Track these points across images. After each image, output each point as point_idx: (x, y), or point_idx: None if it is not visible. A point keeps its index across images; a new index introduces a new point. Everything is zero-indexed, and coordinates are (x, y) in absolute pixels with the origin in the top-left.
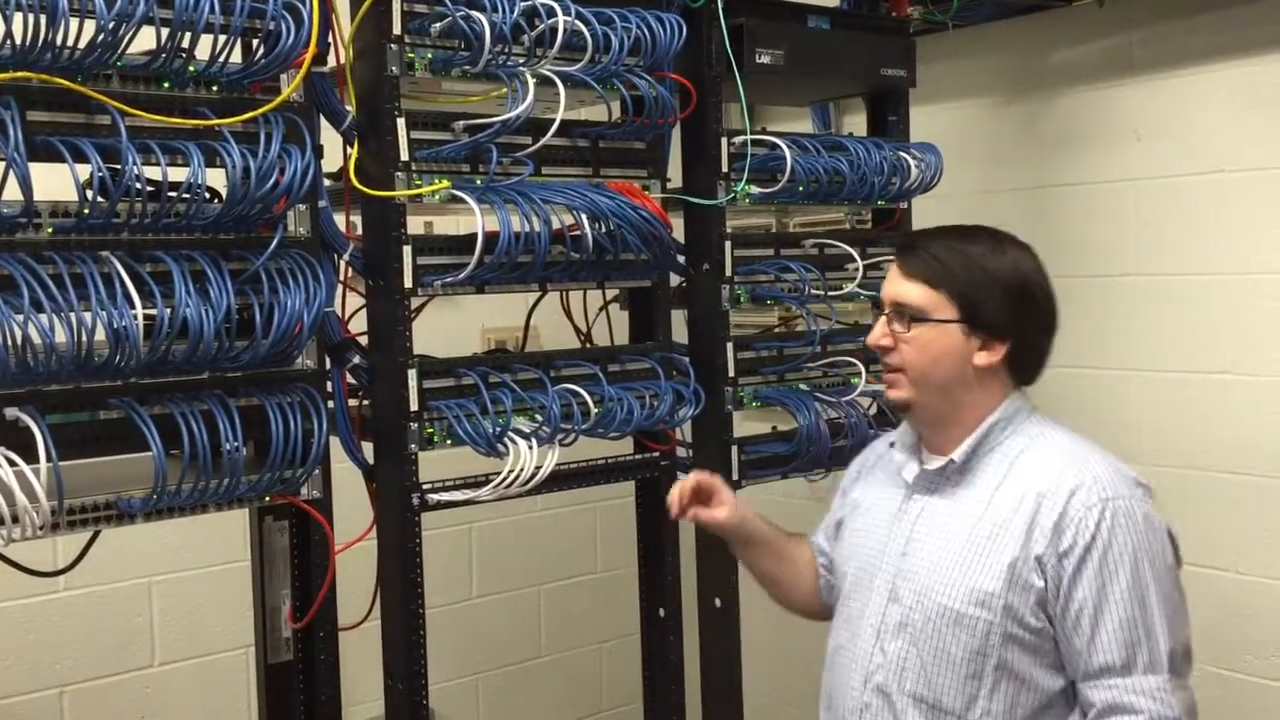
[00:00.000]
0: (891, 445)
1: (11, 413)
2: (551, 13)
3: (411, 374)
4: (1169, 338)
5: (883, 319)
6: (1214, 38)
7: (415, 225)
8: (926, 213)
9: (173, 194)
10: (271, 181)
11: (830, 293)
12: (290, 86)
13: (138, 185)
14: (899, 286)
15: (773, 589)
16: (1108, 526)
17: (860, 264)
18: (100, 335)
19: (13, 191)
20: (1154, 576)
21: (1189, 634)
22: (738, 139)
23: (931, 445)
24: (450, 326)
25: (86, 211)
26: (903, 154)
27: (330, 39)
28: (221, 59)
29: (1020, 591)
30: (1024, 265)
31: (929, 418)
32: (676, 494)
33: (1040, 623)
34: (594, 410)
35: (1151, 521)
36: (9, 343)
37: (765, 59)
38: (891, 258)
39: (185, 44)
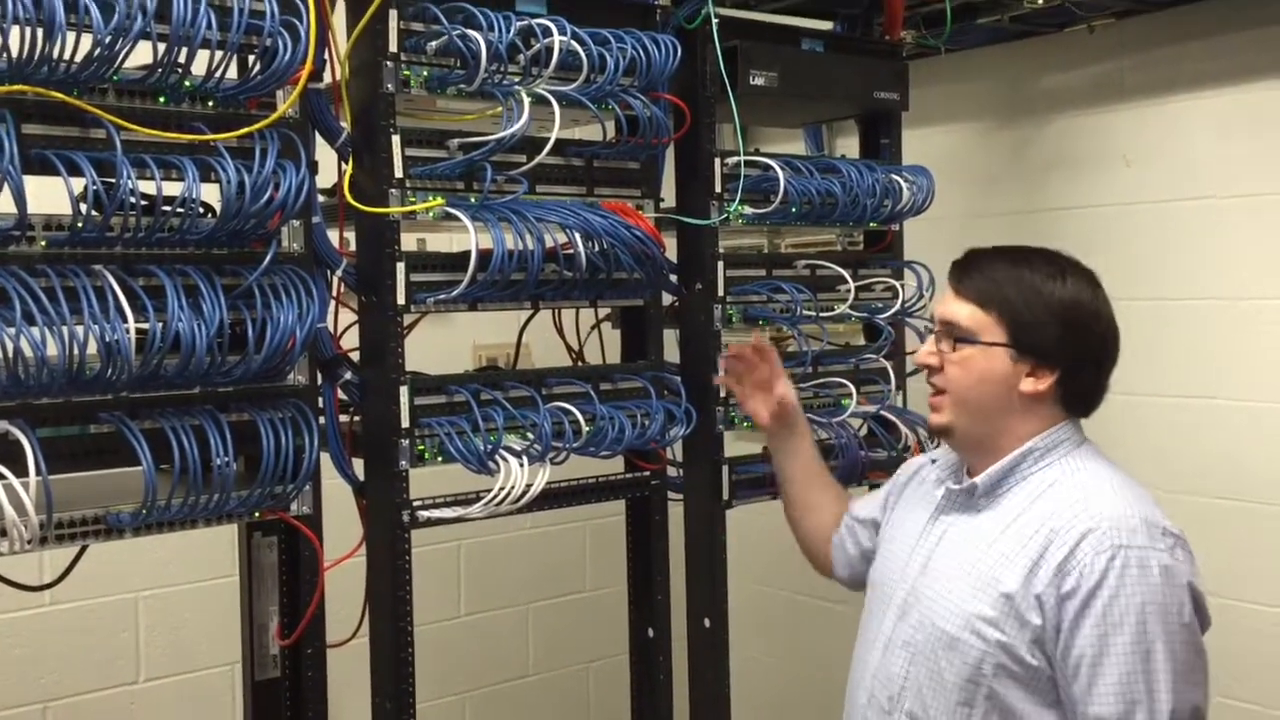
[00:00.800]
0: (933, 462)
1: (1, 426)
2: (547, 32)
3: (403, 390)
4: (1160, 362)
5: (931, 337)
6: (1204, 65)
7: (409, 242)
8: (918, 235)
9: (167, 208)
10: (266, 197)
11: (822, 314)
12: (286, 103)
13: (132, 199)
14: (949, 305)
15: (787, 507)
16: (1116, 574)
17: (852, 285)
18: (92, 349)
19: (6, 204)
20: (1163, 632)
21: (1200, 698)
22: (731, 160)
23: (971, 469)
24: (442, 343)
25: (80, 225)
26: (895, 176)
27: (326, 56)
28: (218, 74)
29: (1016, 626)
30: (1083, 294)
31: (970, 443)
32: (733, 357)
33: (1037, 661)
34: (585, 429)
35: (1170, 574)
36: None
37: (759, 81)
38: (888, 278)
39: (181, 59)
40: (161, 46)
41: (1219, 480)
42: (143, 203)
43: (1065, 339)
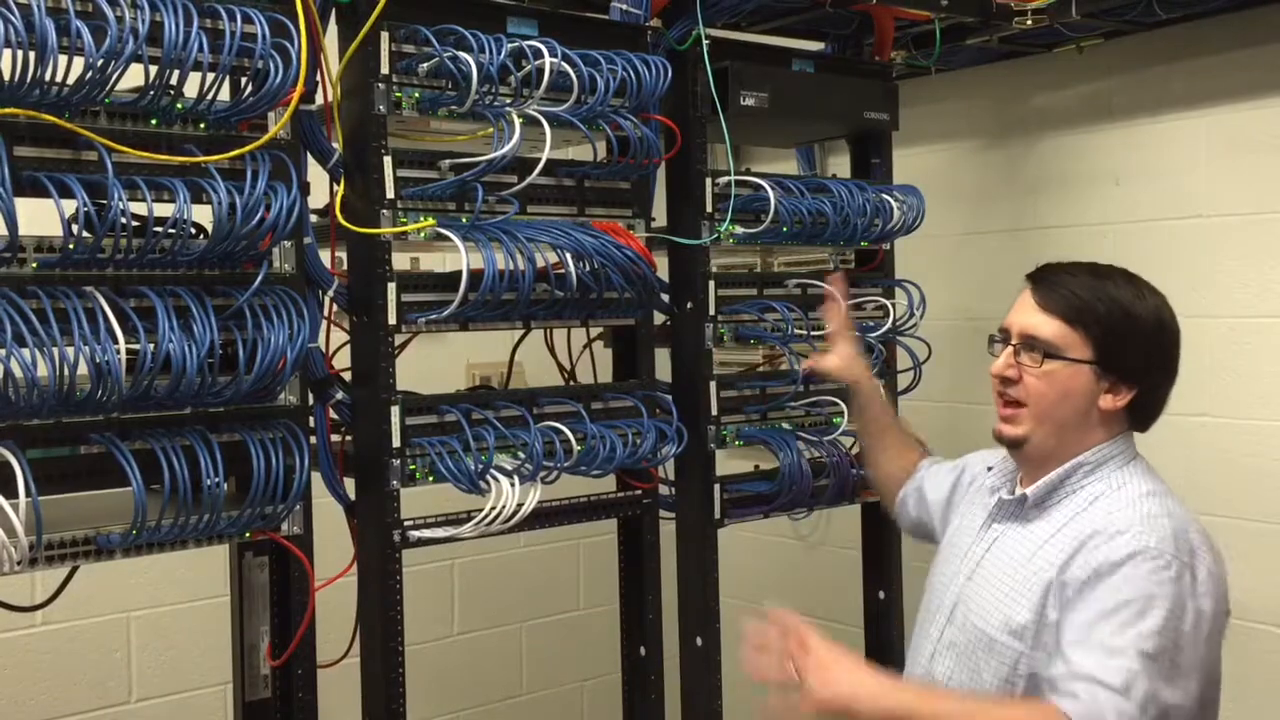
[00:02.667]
0: (990, 469)
1: None
2: (538, 54)
3: (394, 410)
4: None
5: (1008, 350)
6: (1192, 85)
7: (401, 262)
8: (909, 254)
9: (158, 230)
10: (257, 218)
11: (813, 332)
12: (277, 125)
13: (123, 221)
14: (1032, 318)
15: (863, 454)
16: (1131, 566)
17: (843, 304)
18: (82, 370)
19: None
20: (1162, 622)
21: (1178, 698)
22: (722, 179)
23: (1026, 477)
24: (435, 362)
25: (72, 246)
26: (885, 196)
27: (318, 78)
28: (209, 97)
29: (1045, 624)
30: (1165, 312)
31: (1040, 455)
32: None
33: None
34: (576, 448)
35: (1184, 583)
36: None
37: (749, 101)
38: (879, 296)
39: (173, 81)
40: (153, 69)
41: (1204, 497)
42: (134, 224)
43: (1150, 358)
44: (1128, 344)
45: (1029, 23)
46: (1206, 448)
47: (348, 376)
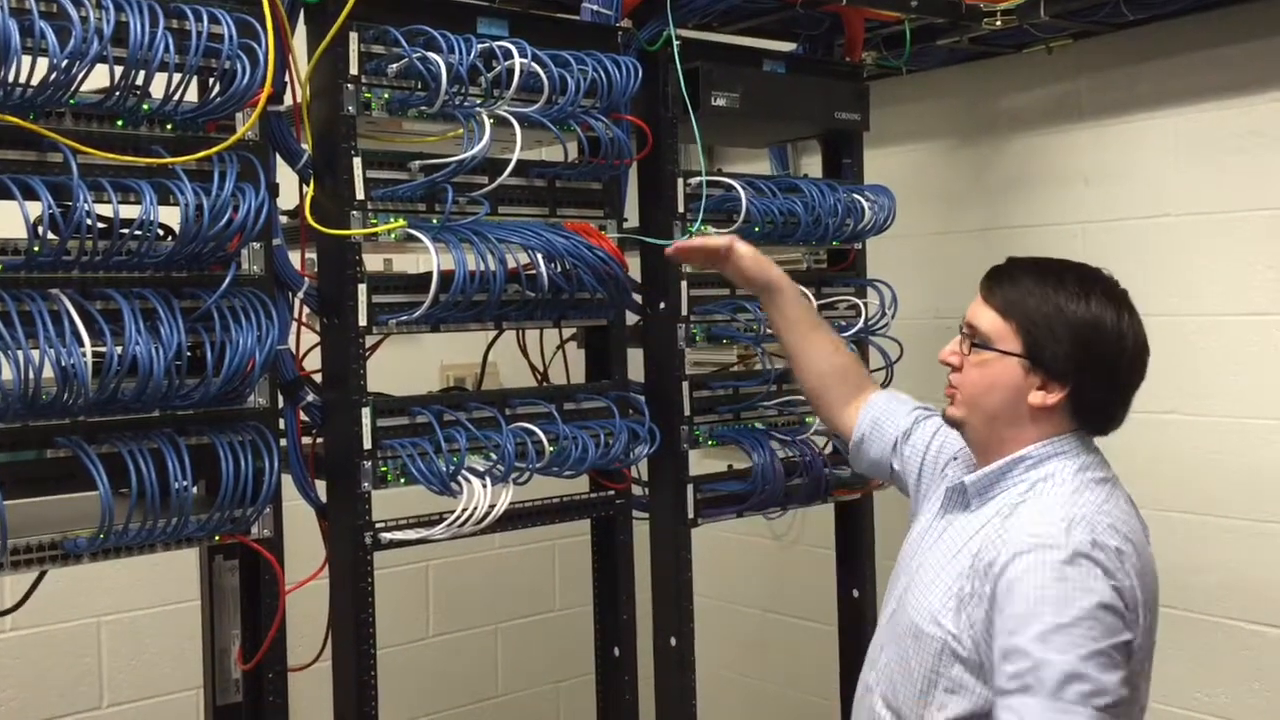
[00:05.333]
0: (955, 459)
1: None
2: (508, 55)
3: (365, 412)
4: None
5: (957, 338)
6: (1160, 85)
7: (374, 263)
8: (881, 254)
9: (125, 231)
10: (225, 219)
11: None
12: (245, 126)
13: (89, 223)
14: (976, 309)
15: (792, 366)
16: (1019, 567)
17: (814, 304)
18: (48, 373)
19: None
20: (1055, 613)
21: (1105, 677)
22: (693, 180)
23: (975, 468)
24: (409, 364)
25: (37, 249)
26: (856, 196)
27: (287, 78)
28: (176, 98)
29: (964, 620)
30: (1105, 315)
31: (976, 441)
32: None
33: (978, 655)
34: (549, 449)
35: (1075, 562)
36: None
37: (720, 102)
38: (850, 296)
39: (139, 82)
40: (119, 70)
41: (1172, 494)
42: (100, 226)
43: (1077, 357)
44: (1054, 342)
45: (998, 24)
46: (1175, 444)
47: (319, 378)
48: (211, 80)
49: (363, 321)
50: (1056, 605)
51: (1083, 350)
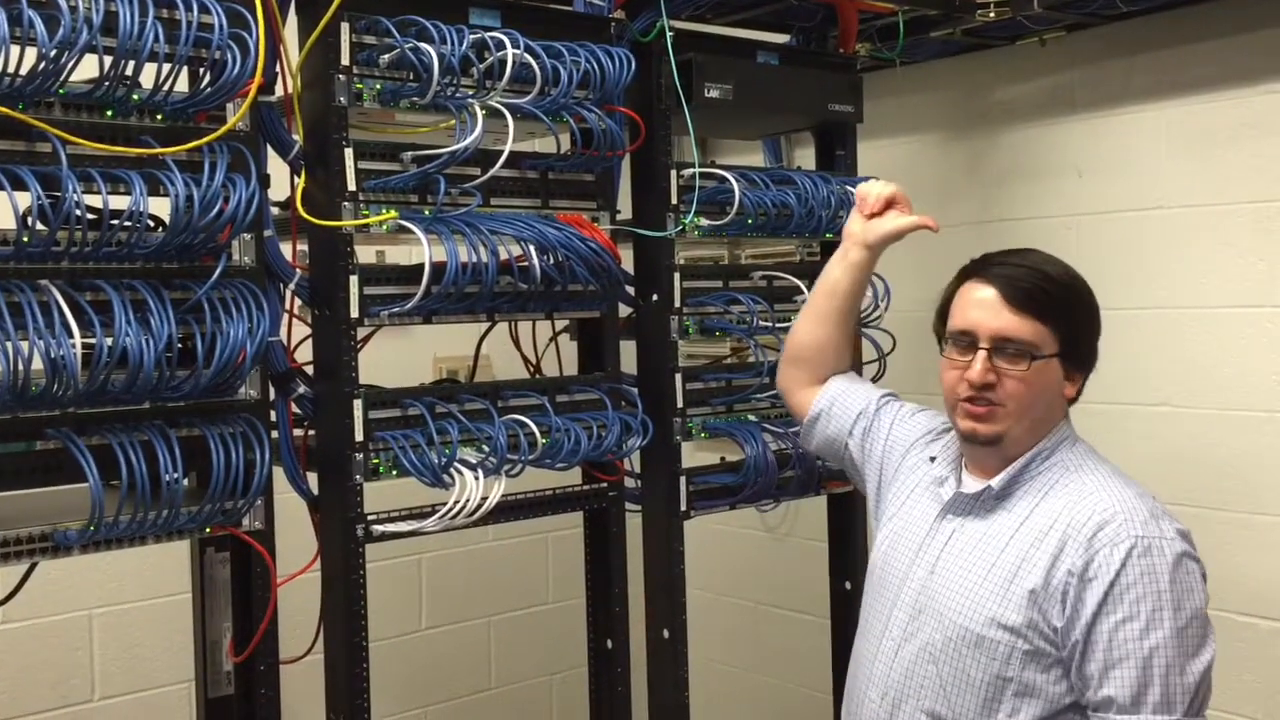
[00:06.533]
0: (932, 460)
1: None
2: (501, 45)
3: (357, 404)
4: (1109, 370)
5: (982, 355)
6: (1154, 78)
7: (367, 254)
8: None
9: (114, 222)
10: (215, 210)
11: (778, 324)
12: (236, 116)
13: (78, 213)
14: (1005, 320)
15: (803, 319)
16: (1134, 565)
17: (807, 295)
18: (37, 364)
19: None
20: (1174, 616)
21: (1204, 668)
22: (687, 172)
23: (975, 466)
24: (402, 355)
25: (26, 239)
26: (849, 188)
27: (278, 69)
28: (166, 88)
29: (1041, 619)
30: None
31: (1014, 450)
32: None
33: (1057, 650)
34: (541, 441)
35: (1182, 563)
36: None
37: (714, 93)
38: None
39: (129, 72)
40: (108, 59)
41: (1166, 486)
42: (90, 217)
43: (1097, 335)
44: (1088, 334)
45: (992, 15)
46: (1167, 436)
47: (311, 370)
48: (202, 70)
49: (354, 313)
50: (1173, 608)
51: (1099, 332)
